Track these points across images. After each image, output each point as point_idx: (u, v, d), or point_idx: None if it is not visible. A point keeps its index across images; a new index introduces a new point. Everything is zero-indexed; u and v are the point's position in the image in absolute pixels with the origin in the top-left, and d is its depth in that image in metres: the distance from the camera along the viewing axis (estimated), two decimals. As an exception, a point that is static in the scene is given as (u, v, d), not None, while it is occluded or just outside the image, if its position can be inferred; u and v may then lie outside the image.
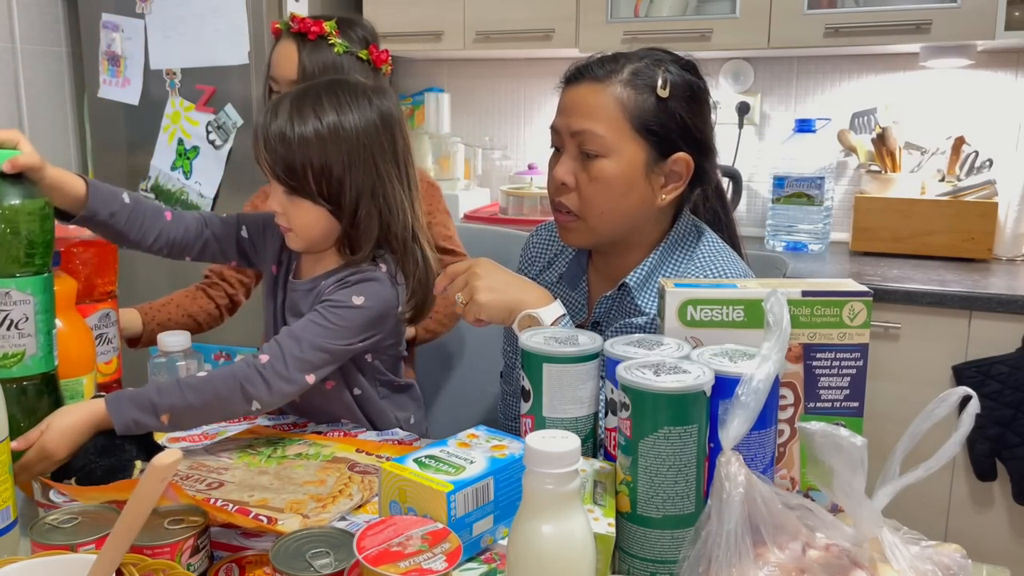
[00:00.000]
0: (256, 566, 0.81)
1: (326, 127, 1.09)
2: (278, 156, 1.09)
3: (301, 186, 1.10)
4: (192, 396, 1.01)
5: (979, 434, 1.86)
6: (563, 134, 1.16)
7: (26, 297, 0.91)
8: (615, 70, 1.14)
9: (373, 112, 1.13)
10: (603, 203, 1.14)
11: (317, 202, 1.11)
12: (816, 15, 2.17)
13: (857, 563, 0.70)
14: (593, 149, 1.12)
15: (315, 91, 1.13)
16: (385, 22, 2.59)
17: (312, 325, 1.09)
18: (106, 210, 1.13)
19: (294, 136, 1.08)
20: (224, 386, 1.03)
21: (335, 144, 1.10)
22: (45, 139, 2.68)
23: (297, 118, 1.09)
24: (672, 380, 0.76)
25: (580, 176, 1.14)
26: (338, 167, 1.10)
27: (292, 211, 1.12)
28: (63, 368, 1.01)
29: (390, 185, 1.15)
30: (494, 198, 2.90)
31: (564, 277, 1.28)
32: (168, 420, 1.00)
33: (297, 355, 1.06)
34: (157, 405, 0.99)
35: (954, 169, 2.28)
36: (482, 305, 1.05)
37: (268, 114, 1.11)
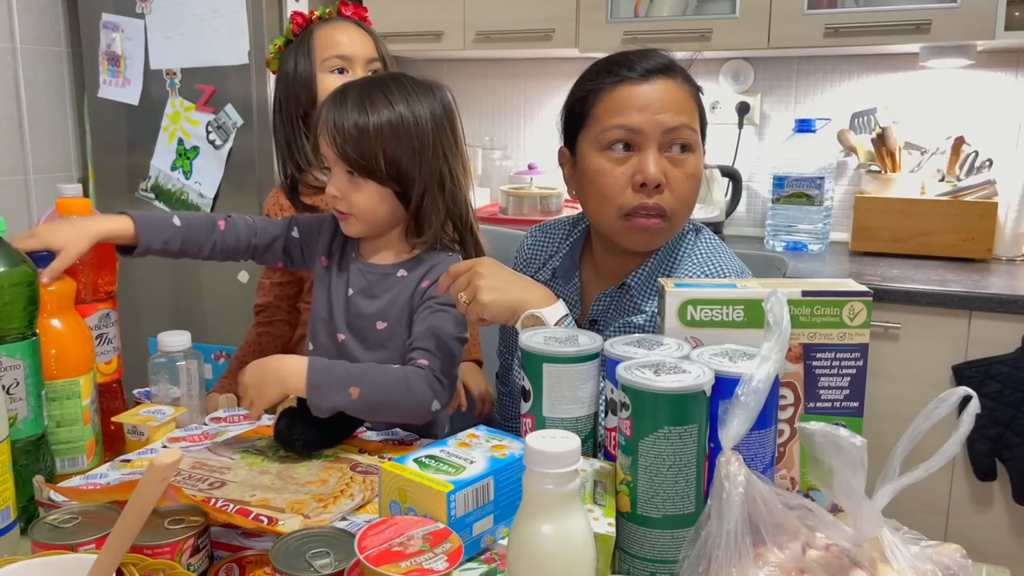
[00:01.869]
0: (256, 566, 0.81)
1: (398, 116, 1.14)
2: (351, 142, 1.13)
3: (371, 170, 1.14)
4: (386, 377, 1.07)
5: (979, 434, 1.86)
6: (647, 132, 1.12)
7: (16, 362, 0.92)
8: (672, 67, 1.16)
9: (437, 104, 1.19)
10: (693, 199, 1.16)
11: (384, 184, 1.15)
12: (816, 15, 2.17)
13: (857, 563, 0.70)
14: (688, 143, 1.13)
15: (382, 82, 1.17)
16: (385, 22, 2.59)
17: (442, 321, 1.14)
18: (159, 241, 1.19)
19: (368, 124, 1.12)
20: (417, 380, 1.08)
21: (406, 133, 1.14)
22: (45, 139, 2.68)
23: (370, 107, 1.13)
24: (672, 380, 0.76)
25: (672, 173, 1.13)
26: (407, 155, 1.14)
27: (354, 194, 1.15)
28: (60, 367, 1.01)
29: (455, 173, 1.19)
30: (494, 198, 2.90)
31: (558, 272, 1.28)
32: (358, 394, 1.05)
33: (446, 350, 1.12)
34: (352, 374, 1.06)
35: (954, 169, 2.28)
36: (485, 304, 1.05)
37: (336, 102, 1.15)
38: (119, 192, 2.56)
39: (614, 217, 1.15)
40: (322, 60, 1.57)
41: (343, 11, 1.65)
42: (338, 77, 1.55)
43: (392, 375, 1.08)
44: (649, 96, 1.13)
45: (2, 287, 0.90)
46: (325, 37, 1.59)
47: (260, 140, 2.33)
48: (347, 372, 1.07)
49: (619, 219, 1.15)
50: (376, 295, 1.20)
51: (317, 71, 1.57)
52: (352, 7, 1.66)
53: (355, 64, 1.58)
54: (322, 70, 1.57)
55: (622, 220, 1.15)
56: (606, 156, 1.15)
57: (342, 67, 1.58)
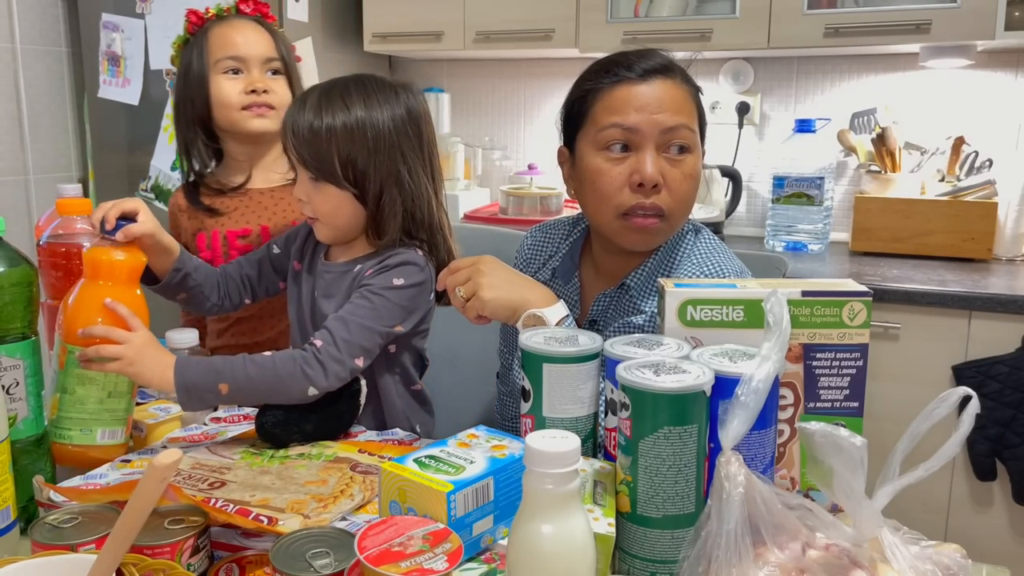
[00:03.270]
0: (256, 566, 0.81)
1: (354, 119, 1.14)
2: (306, 145, 1.14)
3: (327, 173, 1.15)
4: (254, 370, 1.05)
5: (979, 434, 1.86)
6: (645, 131, 1.12)
7: (16, 362, 0.93)
8: (669, 64, 1.15)
9: (400, 106, 1.18)
10: (691, 199, 1.16)
11: (342, 187, 1.15)
12: (816, 15, 2.17)
13: (857, 563, 0.70)
14: (686, 143, 1.13)
15: (344, 84, 1.18)
16: (385, 22, 2.60)
17: (358, 308, 1.12)
18: (191, 264, 1.24)
19: (322, 127, 1.13)
20: (284, 367, 1.06)
21: (361, 135, 1.14)
22: (45, 139, 2.68)
23: (326, 109, 1.14)
24: (672, 380, 0.76)
25: (669, 173, 1.13)
26: (363, 157, 1.15)
27: (317, 198, 1.17)
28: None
29: (415, 174, 1.19)
30: (494, 198, 2.90)
31: (557, 271, 1.28)
32: (227, 390, 1.04)
33: (346, 338, 1.09)
34: (220, 372, 1.04)
35: (954, 169, 2.28)
36: (486, 302, 1.05)
37: (296, 106, 1.17)
38: (119, 192, 2.56)
39: (611, 217, 1.15)
40: (215, 61, 1.49)
41: (242, 8, 1.56)
42: (232, 79, 1.49)
43: (260, 365, 1.06)
44: (647, 96, 1.13)
45: (2, 287, 0.90)
46: (219, 36, 1.51)
47: (260, 140, 2.33)
48: (213, 368, 1.04)
49: (616, 219, 1.15)
50: (332, 294, 1.21)
51: (210, 72, 1.49)
52: (252, 3, 1.56)
53: (250, 65, 1.49)
54: (215, 71, 1.49)
55: (620, 220, 1.15)
56: (604, 156, 1.15)
57: (236, 68, 1.49)
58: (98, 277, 1.02)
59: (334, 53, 2.60)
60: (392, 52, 2.74)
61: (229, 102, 1.47)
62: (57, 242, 1.14)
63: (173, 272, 1.22)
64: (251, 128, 1.49)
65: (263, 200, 1.53)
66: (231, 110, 1.48)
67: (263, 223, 1.51)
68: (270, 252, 1.33)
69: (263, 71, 1.50)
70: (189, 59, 1.51)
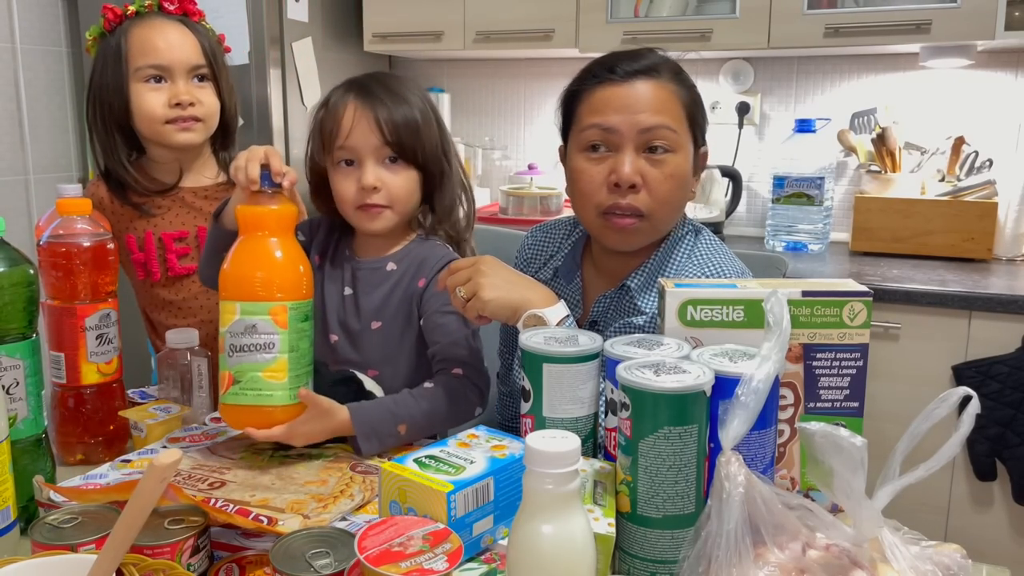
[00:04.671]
0: (256, 566, 0.81)
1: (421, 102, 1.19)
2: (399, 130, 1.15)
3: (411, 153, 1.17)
4: (426, 405, 1.10)
5: (979, 434, 1.86)
6: (624, 132, 1.13)
7: (16, 362, 0.93)
8: (657, 64, 1.15)
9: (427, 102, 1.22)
10: (675, 200, 1.16)
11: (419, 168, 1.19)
12: (816, 15, 2.17)
13: (857, 563, 0.70)
14: (666, 144, 1.13)
15: (385, 78, 1.21)
16: (385, 22, 2.59)
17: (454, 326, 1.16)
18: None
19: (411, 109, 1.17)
20: (453, 395, 1.11)
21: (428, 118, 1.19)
22: (45, 139, 2.68)
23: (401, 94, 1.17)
24: (672, 380, 0.76)
25: (649, 173, 1.13)
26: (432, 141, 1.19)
27: (393, 182, 1.18)
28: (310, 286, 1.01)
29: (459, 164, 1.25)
30: (494, 198, 2.90)
31: (559, 271, 1.28)
32: (405, 430, 1.08)
33: (470, 355, 1.15)
34: (396, 414, 1.07)
35: (954, 169, 2.28)
36: (486, 302, 1.05)
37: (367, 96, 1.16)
38: (119, 192, 2.56)
39: (593, 216, 1.17)
40: (135, 68, 1.36)
41: (165, 6, 1.40)
42: (154, 89, 1.37)
43: (433, 400, 1.10)
44: (627, 96, 1.14)
45: (2, 287, 0.90)
46: (140, 40, 1.37)
47: (260, 140, 2.33)
48: (390, 412, 1.07)
49: (597, 218, 1.16)
50: (368, 292, 1.21)
51: (130, 80, 1.37)
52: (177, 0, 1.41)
53: (174, 74, 1.37)
54: (135, 79, 1.37)
55: (600, 219, 1.16)
56: (585, 156, 1.16)
57: (158, 75, 1.37)
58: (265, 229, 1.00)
59: (334, 53, 2.60)
60: (392, 52, 2.74)
61: (152, 115, 1.37)
62: (57, 242, 1.14)
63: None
64: (177, 142, 1.39)
65: (196, 201, 1.46)
66: (154, 123, 1.38)
67: (200, 224, 1.45)
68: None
69: (188, 79, 1.39)
70: (105, 61, 1.39)
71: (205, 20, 1.47)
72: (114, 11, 1.40)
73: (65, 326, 1.07)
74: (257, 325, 0.96)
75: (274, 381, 0.97)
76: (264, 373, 0.97)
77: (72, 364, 1.08)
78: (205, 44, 1.41)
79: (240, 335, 0.97)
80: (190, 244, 1.45)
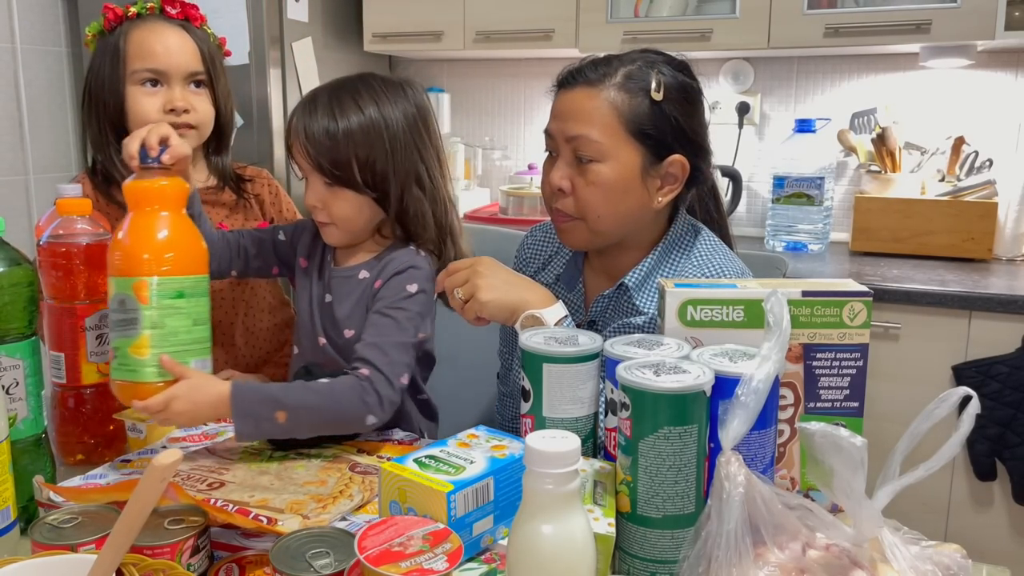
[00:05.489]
0: (256, 566, 0.81)
1: (368, 119, 1.12)
2: (323, 150, 1.11)
3: (345, 177, 1.12)
4: (312, 397, 1.03)
5: (979, 434, 1.86)
6: (558, 139, 1.15)
7: (16, 362, 0.92)
8: (608, 73, 1.13)
9: (410, 103, 1.16)
10: (600, 207, 1.14)
11: (361, 191, 1.13)
12: (816, 15, 2.17)
13: (857, 563, 0.70)
14: (588, 154, 1.12)
15: (352, 84, 1.15)
16: (385, 22, 2.60)
17: (384, 329, 1.11)
18: (197, 209, 1.21)
19: (339, 130, 1.11)
20: (344, 395, 1.04)
21: (378, 136, 1.12)
22: (45, 139, 2.68)
23: (339, 112, 1.11)
24: (672, 380, 0.76)
25: (576, 180, 1.14)
26: (382, 158, 1.12)
27: (333, 203, 1.15)
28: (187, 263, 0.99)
29: (432, 173, 1.18)
30: (494, 198, 2.90)
31: (561, 278, 1.28)
32: (285, 418, 1.01)
33: (387, 361, 1.07)
34: (278, 399, 1.01)
35: (954, 169, 2.28)
36: (484, 303, 1.05)
37: (305, 110, 1.13)
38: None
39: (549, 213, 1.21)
40: (132, 71, 1.36)
41: (167, 9, 1.38)
42: (150, 92, 1.36)
43: (319, 394, 1.04)
44: (561, 104, 1.16)
45: (2, 287, 0.90)
46: (138, 43, 1.36)
47: (260, 140, 2.33)
48: (272, 397, 1.02)
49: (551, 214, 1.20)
50: (342, 301, 1.20)
51: (126, 82, 1.36)
52: (179, 4, 1.39)
53: (171, 79, 1.36)
54: (132, 81, 1.36)
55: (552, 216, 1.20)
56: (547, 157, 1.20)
57: (154, 79, 1.36)
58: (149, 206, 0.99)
59: (334, 53, 2.60)
60: (392, 52, 2.74)
61: (146, 119, 1.34)
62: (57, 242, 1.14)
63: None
64: None
65: None
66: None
67: None
68: (275, 236, 1.30)
69: (185, 84, 1.38)
70: (103, 60, 1.38)
71: (207, 25, 1.46)
72: (115, 11, 1.39)
73: (65, 326, 1.07)
74: (124, 300, 0.96)
75: (138, 357, 0.96)
76: (131, 349, 0.97)
77: (72, 364, 1.08)
78: (204, 50, 1.40)
79: (115, 311, 0.97)
80: None
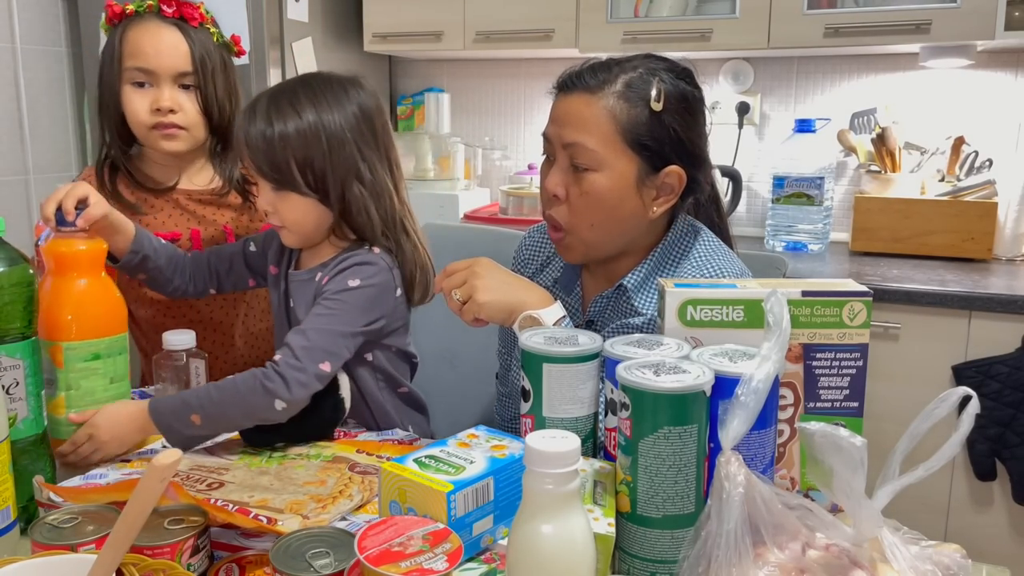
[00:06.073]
0: (256, 566, 0.81)
1: (305, 122, 1.12)
2: (261, 155, 1.13)
3: (287, 180, 1.13)
4: (217, 394, 1.04)
5: (979, 434, 1.86)
6: (555, 144, 1.14)
7: (16, 362, 0.93)
8: (608, 80, 1.11)
9: (351, 103, 1.16)
10: (593, 216, 1.12)
11: (305, 194, 1.14)
12: (816, 15, 2.17)
13: (857, 563, 0.70)
14: (584, 163, 1.10)
15: (291, 87, 1.16)
16: (385, 22, 2.60)
17: (314, 317, 1.11)
18: (150, 246, 1.25)
19: (275, 135, 1.12)
20: (244, 384, 1.05)
21: (315, 138, 1.13)
22: (45, 139, 2.68)
23: (276, 116, 1.12)
24: (672, 380, 0.76)
25: (571, 188, 1.12)
26: (319, 158, 1.13)
27: (282, 207, 1.16)
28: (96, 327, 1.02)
29: (374, 170, 1.17)
30: (494, 198, 2.90)
31: (559, 282, 1.27)
32: (200, 420, 1.03)
33: (304, 345, 1.08)
34: (188, 404, 1.04)
35: (954, 169, 2.28)
36: (482, 304, 1.05)
37: (245, 115, 1.15)
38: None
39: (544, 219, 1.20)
40: (124, 68, 1.36)
41: (163, 8, 1.37)
42: (139, 92, 1.36)
43: (222, 390, 1.05)
44: (560, 109, 1.14)
45: (2, 287, 0.90)
46: (132, 41, 1.36)
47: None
48: (184, 403, 1.05)
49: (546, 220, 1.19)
50: (299, 303, 1.21)
51: (120, 80, 1.37)
52: (175, 3, 1.38)
53: (159, 80, 1.36)
54: (124, 79, 1.37)
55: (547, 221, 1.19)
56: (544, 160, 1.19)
57: (143, 81, 1.36)
58: (65, 271, 1.03)
59: (334, 53, 2.60)
60: (392, 52, 2.74)
61: (137, 119, 1.37)
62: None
63: (131, 254, 1.23)
64: (162, 149, 1.40)
65: (190, 204, 1.46)
66: (139, 127, 1.38)
67: (192, 227, 1.45)
68: (245, 248, 1.32)
69: (173, 85, 1.37)
70: (104, 57, 1.40)
71: (210, 24, 1.44)
72: (114, 8, 1.40)
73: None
74: (46, 361, 1.02)
75: (56, 416, 1.03)
76: (50, 407, 1.02)
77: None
78: (196, 51, 1.38)
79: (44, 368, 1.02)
80: (183, 246, 1.45)
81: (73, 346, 1.01)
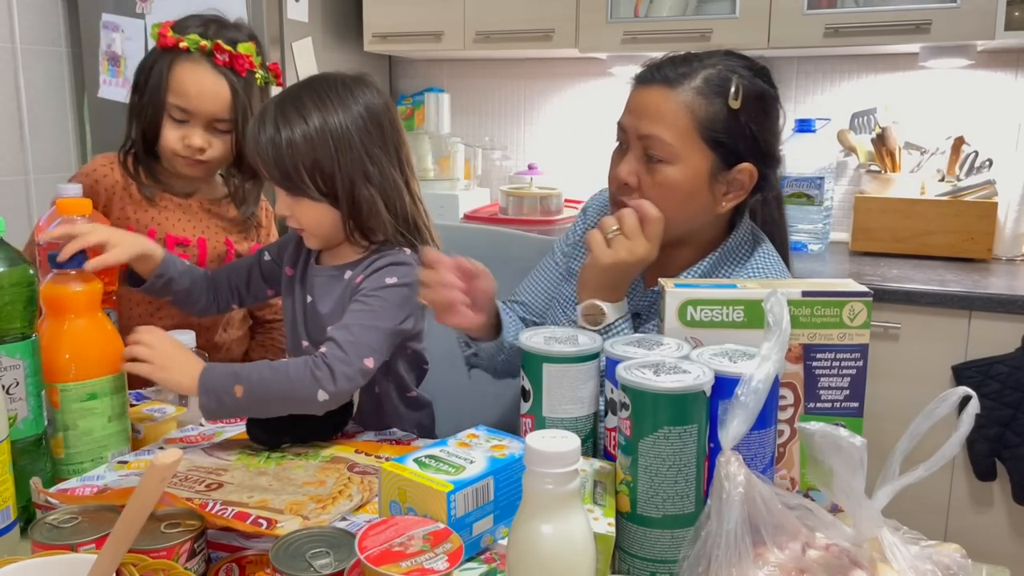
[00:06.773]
0: (256, 566, 0.81)
1: (312, 127, 1.13)
2: (271, 162, 1.14)
3: (299, 186, 1.14)
4: (268, 373, 1.05)
5: (979, 434, 1.86)
6: (630, 134, 1.14)
7: (16, 362, 0.93)
8: (688, 74, 1.12)
9: (357, 104, 1.17)
10: (663, 206, 1.12)
11: (317, 199, 1.15)
12: (816, 15, 2.17)
13: (857, 563, 0.70)
14: (659, 154, 1.12)
15: (296, 93, 1.17)
16: (385, 22, 2.59)
17: (356, 313, 1.12)
18: (175, 270, 1.27)
19: (283, 141, 1.12)
20: (296, 369, 1.06)
21: (322, 142, 1.13)
22: (45, 139, 2.68)
23: (283, 123, 1.13)
24: (672, 380, 0.76)
25: (644, 178, 1.13)
26: (327, 162, 1.14)
27: (298, 211, 1.17)
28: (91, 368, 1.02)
29: (384, 170, 1.18)
30: (494, 198, 2.90)
31: None
32: (241, 392, 1.03)
33: (350, 340, 1.09)
34: (238, 374, 1.04)
35: (954, 169, 2.28)
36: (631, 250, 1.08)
37: (256, 123, 1.16)
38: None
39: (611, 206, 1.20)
40: (167, 101, 1.40)
41: (216, 55, 1.40)
42: (175, 126, 1.41)
43: (274, 369, 1.06)
44: (636, 100, 1.15)
45: (2, 287, 0.90)
46: (179, 77, 1.39)
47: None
48: (234, 372, 1.05)
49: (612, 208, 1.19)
50: (323, 299, 1.22)
51: (164, 108, 1.41)
52: (228, 53, 1.40)
53: (195, 120, 1.40)
54: (166, 108, 1.41)
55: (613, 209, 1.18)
56: (616, 147, 1.19)
57: (182, 119, 1.41)
58: (57, 311, 1.01)
59: (334, 53, 2.60)
60: (392, 52, 2.74)
61: (167, 144, 1.42)
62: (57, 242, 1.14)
63: (155, 278, 1.25)
64: (182, 172, 1.47)
65: (200, 212, 1.52)
66: (167, 151, 1.44)
67: (199, 235, 1.50)
68: (260, 260, 1.33)
69: (208, 127, 1.41)
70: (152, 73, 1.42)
71: (259, 71, 1.45)
72: (167, 38, 1.41)
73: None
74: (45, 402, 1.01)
75: (56, 456, 1.02)
76: (52, 446, 1.01)
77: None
78: (239, 102, 1.41)
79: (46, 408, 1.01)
80: (189, 252, 1.48)
81: (69, 388, 1.00)
